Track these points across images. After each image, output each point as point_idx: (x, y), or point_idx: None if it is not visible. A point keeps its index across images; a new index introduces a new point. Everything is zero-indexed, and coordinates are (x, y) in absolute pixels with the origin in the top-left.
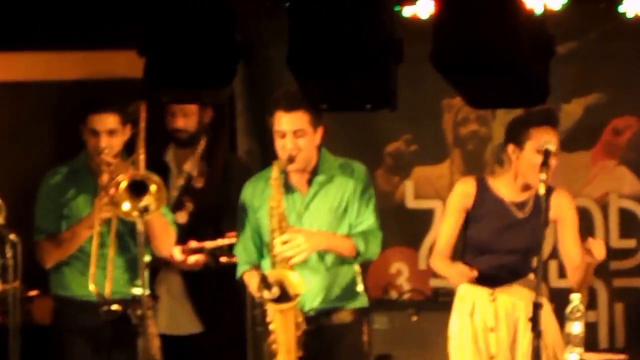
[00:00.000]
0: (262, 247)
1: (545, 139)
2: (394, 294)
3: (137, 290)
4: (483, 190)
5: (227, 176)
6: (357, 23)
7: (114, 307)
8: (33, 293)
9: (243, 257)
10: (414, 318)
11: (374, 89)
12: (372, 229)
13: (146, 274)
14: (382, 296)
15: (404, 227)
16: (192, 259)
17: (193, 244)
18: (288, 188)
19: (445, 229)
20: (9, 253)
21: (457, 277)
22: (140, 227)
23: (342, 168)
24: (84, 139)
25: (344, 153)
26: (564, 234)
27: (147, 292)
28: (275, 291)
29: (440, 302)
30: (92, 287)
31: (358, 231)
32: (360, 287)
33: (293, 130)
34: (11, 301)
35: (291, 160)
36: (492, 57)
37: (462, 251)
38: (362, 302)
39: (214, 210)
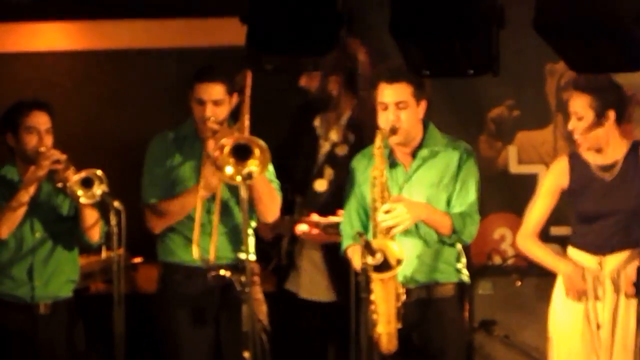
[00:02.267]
0: (367, 222)
1: None
2: (497, 260)
3: (242, 256)
4: (576, 163)
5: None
6: None
7: (222, 272)
8: (137, 260)
9: (348, 231)
10: (518, 283)
11: (476, 55)
12: (471, 212)
13: (252, 240)
14: (486, 262)
15: (508, 193)
16: (314, 232)
17: (314, 217)
18: (392, 163)
19: (536, 209)
20: (113, 220)
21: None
22: (243, 193)
23: (447, 145)
24: (190, 106)
25: (447, 120)
26: None
27: (253, 257)
28: (380, 257)
29: (544, 267)
30: (195, 252)
31: (457, 211)
32: (461, 264)
33: (395, 102)
34: (116, 269)
35: (393, 131)
36: (595, 21)
37: (573, 225)
38: (463, 277)
39: None
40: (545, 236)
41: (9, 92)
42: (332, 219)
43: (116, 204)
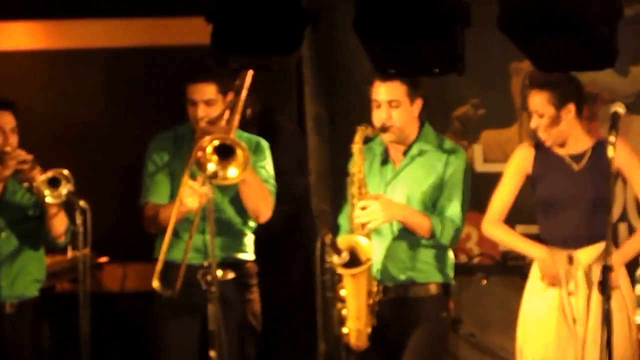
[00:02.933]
0: None
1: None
2: (463, 258)
3: (241, 256)
4: (541, 150)
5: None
6: None
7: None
8: (103, 260)
9: (345, 226)
10: (484, 282)
11: (441, 53)
12: (454, 218)
13: (250, 239)
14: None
15: (473, 192)
16: None
17: None
18: (385, 160)
19: (500, 193)
20: (79, 220)
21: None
22: (210, 193)
23: (438, 146)
24: (185, 106)
25: None
26: (633, 175)
27: (252, 257)
28: (345, 256)
29: (509, 265)
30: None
31: (440, 214)
32: (444, 264)
33: (388, 101)
34: (81, 268)
35: (384, 129)
36: (560, 19)
37: (536, 216)
38: (446, 278)
39: None
40: None
41: None
42: None
43: (82, 203)
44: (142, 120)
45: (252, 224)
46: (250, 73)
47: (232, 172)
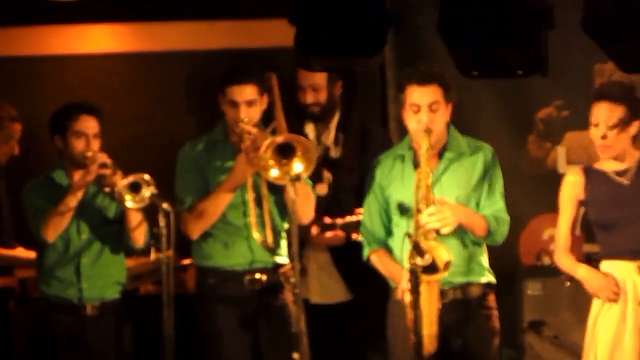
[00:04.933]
0: (389, 226)
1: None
2: (547, 260)
3: (280, 259)
4: (589, 172)
5: (365, 145)
6: None
7: (257, 275)
8: (186, 262)
9: (369, 236)
10: (568, 284)
11: (525, 55)
12: (501, 213)
13: (284, 243)
14: (535, 262)
15: (557, 193)
16: (329, 234)
17: (327, 220)
18: (417, 165)
19: (562, 224)
20: (162, 222)
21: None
22: (292, 194)
23: (470, 147)
24: (222, 109)
25: (495, 120)
26: None
27: (286, 260)
28: (428, 258)
29: (593, 267)
30: (256, 236)
31: (488, 212)
32: (487, 263)
33: (428, 104)
34: (165, 270)
35: (429, 131)
36: None
37: (598, 238)
38: (491, 277)
39: (354, 180)
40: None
41: (57, 95)
42: (349, 218)
43: (165, 205)
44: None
45: (285, 226)
46: (274, 75)
47: (298, 167)
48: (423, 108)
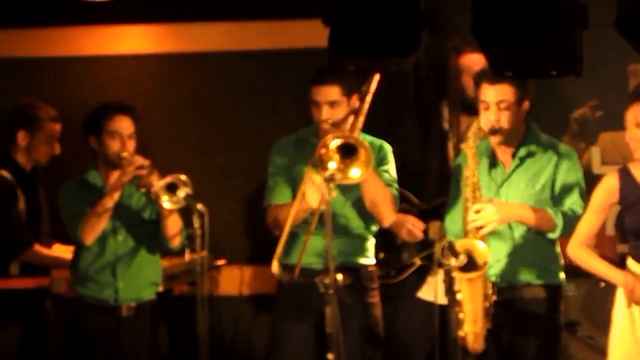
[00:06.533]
0: None
1: None
2: None
3: (363, 261)
4: (626, 178)
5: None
6: None
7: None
8: (221, 262)
9: (452, 228)
10: (602, 284)
11: (559, 55)
12: (573, 207)
13: (372, 243)
14: (569, 263)
15: (591, 193)
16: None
17: None
18: (493, 163)
19: (586, 222)
20: (197, 223)
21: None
22: (329, 194)
23: (546, 146)
24: (311, 107)
25: (530, 120)
26: None
27: (373, 261)
28: (463, 258)
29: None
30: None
31: (560, 208)
32: (556, 265)
33: (496, 102)
34: (199, 271)
35: (493, 132)
36: None
37: (626, 240)
38: (557, 279)
39: (416, 178)
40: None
41: (91, 95)
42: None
43: (199, 206)
44: (258, 124)
45: (374, 228)
46: (376, 78)
47: (355, 172)
48: (492, 106)
